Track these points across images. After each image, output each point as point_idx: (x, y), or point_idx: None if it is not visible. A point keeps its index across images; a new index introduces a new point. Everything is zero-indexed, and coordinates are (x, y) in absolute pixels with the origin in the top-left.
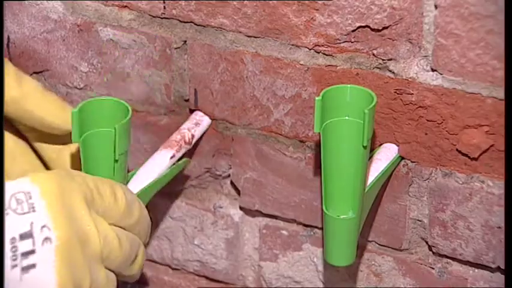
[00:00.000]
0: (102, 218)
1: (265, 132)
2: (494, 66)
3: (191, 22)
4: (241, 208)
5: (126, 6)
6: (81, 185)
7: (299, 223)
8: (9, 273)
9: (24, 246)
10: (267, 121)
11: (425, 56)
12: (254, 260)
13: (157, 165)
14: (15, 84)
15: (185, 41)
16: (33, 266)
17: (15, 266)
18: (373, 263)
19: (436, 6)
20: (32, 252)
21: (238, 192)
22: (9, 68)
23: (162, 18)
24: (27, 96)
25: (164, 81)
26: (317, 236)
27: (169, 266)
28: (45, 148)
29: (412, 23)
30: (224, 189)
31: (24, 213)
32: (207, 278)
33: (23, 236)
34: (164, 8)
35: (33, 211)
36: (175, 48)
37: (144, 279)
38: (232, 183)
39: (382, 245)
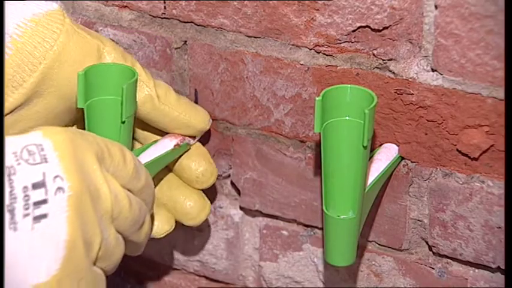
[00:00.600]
0: (112, 177)
1: (265, 132)
2: (494, 66)
3: (191, 22)
4: (241, 208)
5: (126, 6)
6: (92, 143)
7: (299, 223)
8: (21, 222)
9: (37, 195)
10: (267, 121)
11: (426, 56)
12: (254, 260)
13: (160, 151)
14: (152, 86)
15: (185, 41)
16: (45, 215)
17: (27, 215)
18: (373, 263)
19: (436, 6)
20: (44, 201)
21: (238, 192)
22: (141, 69)
23: (162, 18)
24: (163, 97)
25: (164, 82)
26: (317, 236)
27: (170, 266)
28: None
29: (412, 23)
30: (224, 189)
31: (36, 164)
32: (207, 278)
33: (36, 186)
34: (164, 8)
35: (46, 162)
36: (176, 49)
37: (144, 279)
38: (232, 183)
39: (382, 245)
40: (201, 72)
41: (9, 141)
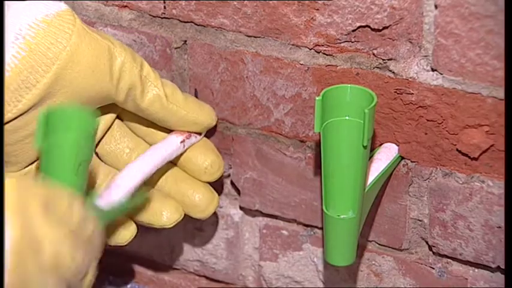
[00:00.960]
0: (56, 227)
1: (265, 132)
2: (494, 66)
3: (191, 22)
4: (241, 208)
5: (126, 6)
6: (38, 192)
7: (299, 223)
8: None
9: None
10: (267, 121)
11: (426, 56)
12: (254, 259)
13: (166, 147)
14: (160, 85)
15: (185, 41)
16: None
17: None
18: (373, 262)
19: (436, 6)
20: None
21: (238, 192)
22: (149, 69)
23: (162, 18)
24: (170, 96)
25: None
26: (317, 236)
27: (170, 266)
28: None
29: (412, 22)
30: (224, 189)
31: None
32: (207, 278)
33: None
34: (164, 8)
35: None
36: (176, 48)
37: (144, 279)
38: (232, 183)
39: (382, 245)
40: (201, 72)
41: None
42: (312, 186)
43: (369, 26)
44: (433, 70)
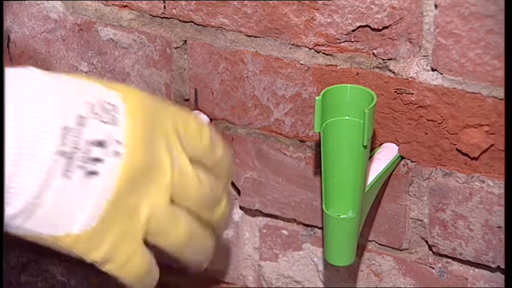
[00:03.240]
0: (183, 151)
1: (265, 132)
2: (494, 66)
3: (191, 22)
4: (241, 208)
5: (126, 6)
6: (167, 114)
7: (299, 223)
8: (74, 172)
9: (96, 152)
10: (267, 121)
11: (426, 56)
12: (254, 259)
13: None
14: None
15: (185, 41)
16: (96, 173)
17: (82, 167)
18: (373, 262)
19: (436, 6)
20: (101, 160)
21: (238, 191)
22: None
23: (162, 18)
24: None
25: (164, 81)
26: (317, 236)
27: (170, 266)
28: None
29: (412, 22)
30: None
31: (106, 123)
32: (207, 277)
33: (98, 144)
34: (164, 7)
35: (115, 125)
36: (176, 48)
37: None
38: (232, 183)
39: (382, 245)
40: (201, 71)
41: (89, 87)
42: (312, 186)
43: (368, 26)
44: (433, 70)
